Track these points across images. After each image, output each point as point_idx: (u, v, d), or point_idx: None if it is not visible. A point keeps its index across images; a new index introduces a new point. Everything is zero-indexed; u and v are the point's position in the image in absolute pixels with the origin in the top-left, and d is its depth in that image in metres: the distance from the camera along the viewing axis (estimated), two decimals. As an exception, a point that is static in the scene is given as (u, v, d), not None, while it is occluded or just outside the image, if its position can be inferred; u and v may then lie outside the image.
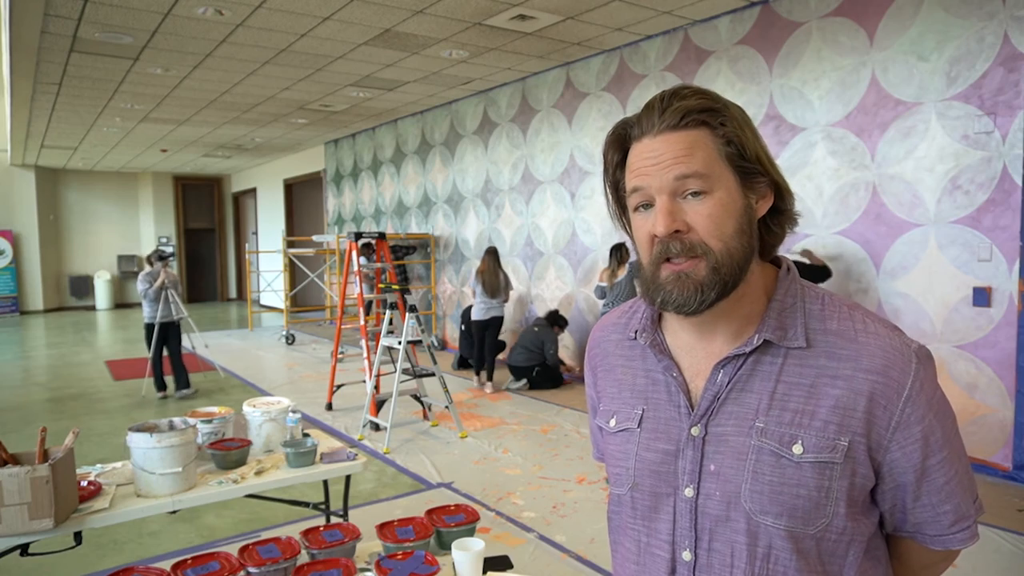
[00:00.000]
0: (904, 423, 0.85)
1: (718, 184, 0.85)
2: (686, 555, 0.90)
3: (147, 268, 6.93)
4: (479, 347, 7.12)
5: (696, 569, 0.90)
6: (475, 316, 7.04)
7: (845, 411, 0.85)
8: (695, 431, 0.90)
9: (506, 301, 7.12)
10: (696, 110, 0.85)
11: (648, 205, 0.87)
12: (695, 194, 0.84)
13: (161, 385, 6.95)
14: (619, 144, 0.92)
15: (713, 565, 0.89)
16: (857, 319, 0.89)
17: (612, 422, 1.00)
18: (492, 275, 6.95)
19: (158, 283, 6.75)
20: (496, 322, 7.03)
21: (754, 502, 0.86)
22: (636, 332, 0.99)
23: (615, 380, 1.02)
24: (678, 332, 0.96)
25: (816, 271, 4.83)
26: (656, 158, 0.85)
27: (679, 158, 0.84)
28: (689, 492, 0.90)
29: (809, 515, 0.85)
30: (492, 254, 7.04)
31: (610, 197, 0.96)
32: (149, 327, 6.88)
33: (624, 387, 1.00)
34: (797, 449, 0.85)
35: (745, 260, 0.87)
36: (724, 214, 0.85)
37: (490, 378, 7.06)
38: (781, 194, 0.91)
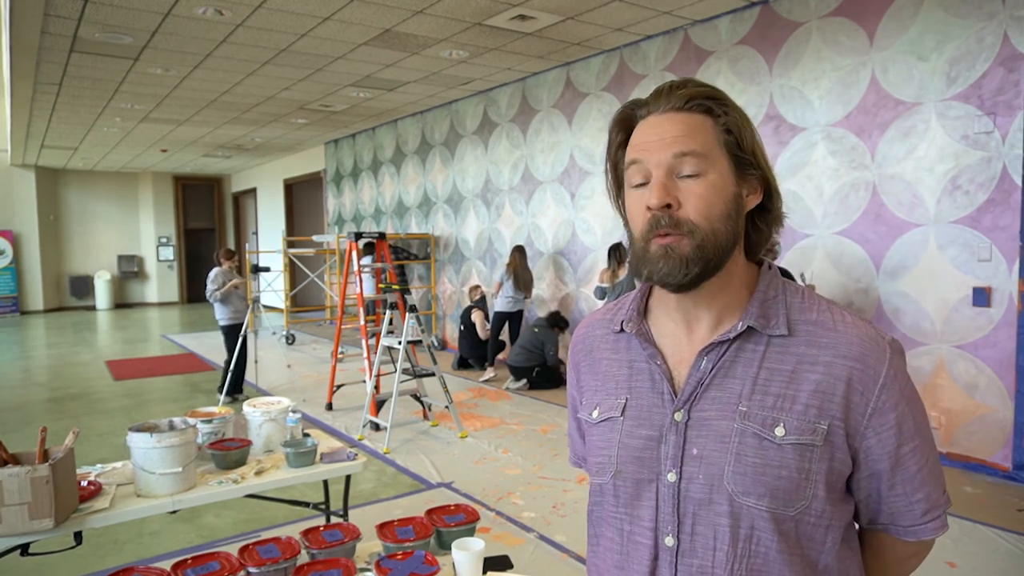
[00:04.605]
0: (879, 410, 0.89)
1: (712, 167, 0.89)
2: (668, 540, 0.92)
3: (222, 267, 6.75)
4: (494, 337, 7.53)
5: (679, 554, 0.91)
6: (500, 308, 7.43)
7: (825, 395, 0.88)
8: (678, 416, 0.92)
9: (528, 297, 7.54)
10: (701, 96, 0.90)
11: (646, 184, 0.90)
12: (690, 176, 0.88)
13: (240, 387, 6.78)
14: (624, 124, 0.96)
15: (696, 549, 0.90)
16: (835, 312, 0.93)
17: (595, 413, 1.02)
18: (524, 271, 7.37)
19: (228, 286, 6.69)
20: (519, 315, 7.49)
21: (737, 483, 0.88)
22: (623, 323, 1.01)
23: (599, 373, 1.04)
24: (663, 321, 0.99)
25: None
26: (659, 135, 0.89)
27: (680, 137, 0.88)
28: (672, 477, 0.92)
29: (790, 496, 0.87)
30: (520, 251, 7.42)
31: (609, 175, 1.00)
32: (232, 328, 6.68)
33: (608, 379, 1.02)
34: (779, 431, 0.88)
35: (729, 243, 0.90)
36: (715, 196, 0.88)
37: (492, 363, 7.49)
38: (770, 193, 0.95)
